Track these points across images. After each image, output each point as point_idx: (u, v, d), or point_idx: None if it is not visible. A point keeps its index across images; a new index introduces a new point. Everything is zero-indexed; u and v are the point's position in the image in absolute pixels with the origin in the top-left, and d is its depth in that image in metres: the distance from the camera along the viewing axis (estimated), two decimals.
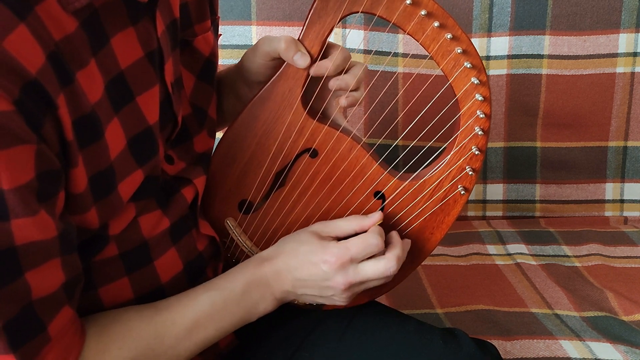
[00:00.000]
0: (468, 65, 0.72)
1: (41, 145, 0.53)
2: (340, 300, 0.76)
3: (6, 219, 0.52)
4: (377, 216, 0.77)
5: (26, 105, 0.51)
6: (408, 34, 0.72)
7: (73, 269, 0.60)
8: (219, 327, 0.71)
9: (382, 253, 0.74)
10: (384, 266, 0.73)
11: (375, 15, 0.72)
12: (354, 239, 0.74)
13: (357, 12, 0.72)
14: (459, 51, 0.72)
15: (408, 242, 0.79)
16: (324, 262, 0.72)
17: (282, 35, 0.75)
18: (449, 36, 0.71)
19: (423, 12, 0.71)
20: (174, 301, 0.71)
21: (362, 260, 0.73)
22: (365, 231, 0.75)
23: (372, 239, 0.73)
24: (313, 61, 0.74)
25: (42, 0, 0.54)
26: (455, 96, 0.74)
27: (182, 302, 0.71)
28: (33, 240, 0.54)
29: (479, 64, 0.73)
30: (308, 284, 0.74)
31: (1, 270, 0.53)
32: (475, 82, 0.73)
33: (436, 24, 0.71)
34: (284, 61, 0.75)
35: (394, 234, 0.77)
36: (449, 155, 0.76)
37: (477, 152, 0.75)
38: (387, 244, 0.76)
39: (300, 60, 0.74)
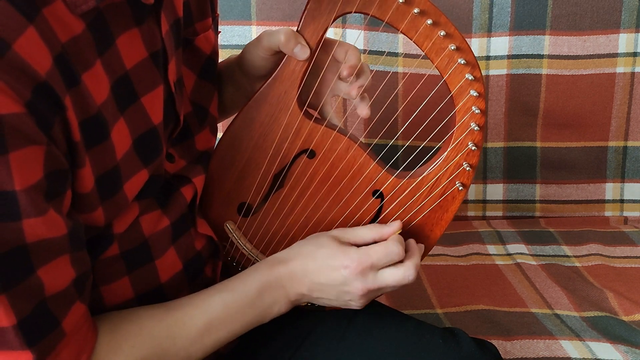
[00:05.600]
0: (462, 62, 0.73)
1: (50, 146, 0.53)
2: (356, 305, 0.76)
3: (18, 219, 0.52)
4: (396, 225, 0.77)
5: (37, 107, 0.52)
6: (401, 32, 0.73)
7: (82, 265, 0.60)
8: (231, 329, 0.72)
9: (400, 260, 0.75)
10: (403, 274, 0.73)
11: (368, 14, 0.72)
12: (375, 246, 0.74)
13: (350, 12, 0.73)
14: (452, 48, 0.72)
15: (422, 246, 0.79)
16: (344, 267, 0.72)
17: (281, 28, 0.75)
18: (442, 33, 0.72)
19: (416, 11, 0.71)
20: (186, 302, 0.71)
21: (382, 267, 0.74)
22: (384, 239, 0.75)
23: (395, 247, 0.74)
24: (309, 61, 0.75)
25: (49, 2, 0.54)
26: (450, 93, 0.74)
27: (194, 303, 0.71)
28: (44, 238, 0.55)
29: (473, 60, 0.73)
30: (325, 288, 0.74)
31: (14, 267, 0.53)
32: (470, 78, 0.73)
33: (429, 21, 0.71)
34: (284, 55, 0.75)
35: (412, 242, 0.77)
36: (446, 152, 0.76)
37: (473, 148, 0.75)
38: (405, 251, 0.76)
39: (301, 52, 0.74)
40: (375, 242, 0.76)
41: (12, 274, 0.53)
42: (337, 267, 0.73)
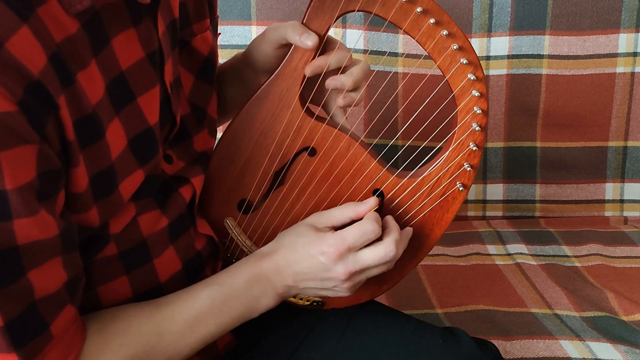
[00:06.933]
0: (464, 62, 0.72)
1: (43, 145, 0.53)
2: (342, 291, 0.75)
3: (8, 219, 0.52)
4: (371, 202, 0.76)
5: (29, 106, 0.52)
6: (404, 31, 0.72)
7: (74, 267, 0.60)
8: (220, 322, 0.71)
9: (380, 239, 0.73)
10: (383, 251, 0.72)
11: (372, 13, 0.72)
12: (349, 228, 0.73)
13: (354, 10, 0.72)
14: (455, 47, 0.72)
15: (409, 229, 0.78)
16: (321, 253, 0.72)
17: (287, 22, 0.75)
18: (444, 33, 0.72)
19: (419, 9, 0.71)
20: (174, 297, 0.71)
21: (361, 248, 0.73)
22: (361, 218, 0.74)
23: (368, 226, 0.72)
24: (312, 57, 0.74)
25: (43, 1, 0.54)
26: (452, 93, 0.74)
27: (182, 298, 0.71)
28: (35, 239, 0.54)
29: (475, 60, 0.73)
30: (309, 277, 0.73)
31: (4, 270, 0.53)
32: (472, 78, 0.73)
33: (432, 20, 0.71)
34: (288, 51, 0.75)
35: (389, 219, 0.76)
36: (447, 152, 0.76)
37: (475, 149, 0.75)
38: (383, 229, 0.75)
39: (308, 40, 0.73)
40: (353, 222, 0.74)
41: (1, 276, 0.53)
42: (315, 254, 0.72)
